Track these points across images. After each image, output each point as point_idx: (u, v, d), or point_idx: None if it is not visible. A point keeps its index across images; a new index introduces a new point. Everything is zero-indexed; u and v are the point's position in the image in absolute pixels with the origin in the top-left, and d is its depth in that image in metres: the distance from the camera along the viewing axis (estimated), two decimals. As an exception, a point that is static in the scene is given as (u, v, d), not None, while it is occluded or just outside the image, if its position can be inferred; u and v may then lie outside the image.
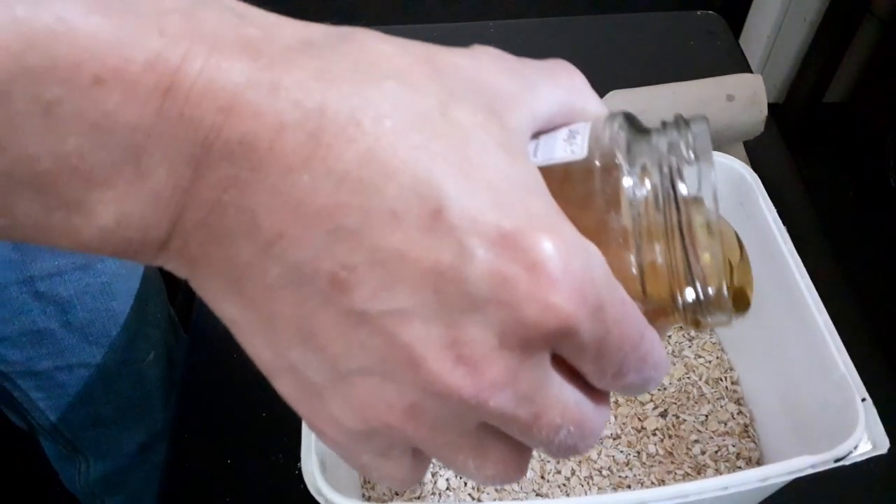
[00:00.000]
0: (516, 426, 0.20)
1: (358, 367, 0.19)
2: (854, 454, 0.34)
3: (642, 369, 0.21)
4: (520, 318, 0.18)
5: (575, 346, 0.19)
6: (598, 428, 0.21)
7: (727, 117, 0.62)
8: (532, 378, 0.19)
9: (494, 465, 0.22)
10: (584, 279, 0.18)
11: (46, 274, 0.53)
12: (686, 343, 0.53)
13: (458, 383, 0.18)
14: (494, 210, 0.18)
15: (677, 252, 0.21)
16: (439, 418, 0.20)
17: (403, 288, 0.18)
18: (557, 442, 0.20)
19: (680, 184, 0.21)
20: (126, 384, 0.65)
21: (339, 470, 0.40)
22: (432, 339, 0.18)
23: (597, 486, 0.46)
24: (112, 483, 0.71)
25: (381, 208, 0.17)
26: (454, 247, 0.17)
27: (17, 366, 0.57)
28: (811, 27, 1.56)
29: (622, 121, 0.22)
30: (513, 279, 0.17)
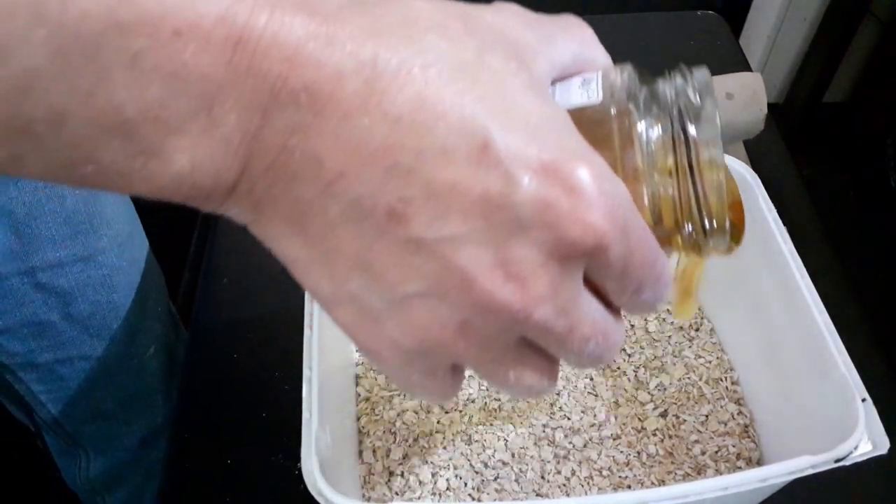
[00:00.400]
0: (553, 337, 0.22)
1: (415, 291, 0.21)
2: (854, 454, 0.34)
3: (656, 286, 0.23)
4: (562, 236, 0.20)
5: (604, 264, 0.21)
6: (619, 339, 0.24)
7: (727, 116, 0.62)
8: (569, 293, 0.21)
9: (531, 375, 0.24)
10: (615, 202, 0.20)
11: (47, 265, 0.53)
12: (686, 343, 0.53)
13: (507, 298, 0.20)
14: (534, 143, 0.20)
15: (686, 186, 0.24)
16: (487, 334, 0.22)
17: (456, 216, 0.20)
18: (587, 352, 0.23)
19: (689, 124, 0.23)
20: (127, 378, 0.65)
21: (340, 470, 0.40)
22: (483, 260, 0.20)
23: (597, 486, 0.46)
24: (112, 479, 0.71)
25: (433, 146, 0.19)
26: (501, 177, 0.19)
27: (17, 357, 0.57)
28: (811, 27, 1.56)
29: (631, 70, 0.25)
30: (555, 202, 0.20)
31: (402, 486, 0.45)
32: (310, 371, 0.38)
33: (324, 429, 0.36)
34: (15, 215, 0.50)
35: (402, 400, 0.49)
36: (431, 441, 0.48)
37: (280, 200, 0.21)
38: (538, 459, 0.47)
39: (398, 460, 0.46)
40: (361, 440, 0.48)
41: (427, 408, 0.49)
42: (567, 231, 0.20)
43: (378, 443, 0.47)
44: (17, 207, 0.50)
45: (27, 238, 0.51)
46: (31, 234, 0.51)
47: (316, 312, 0.42)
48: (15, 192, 0.49)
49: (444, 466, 0.46)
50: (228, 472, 0.51)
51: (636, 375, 0.51)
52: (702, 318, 0.54)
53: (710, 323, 0.54)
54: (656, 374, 0.51)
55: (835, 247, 0.63)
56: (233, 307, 0.60)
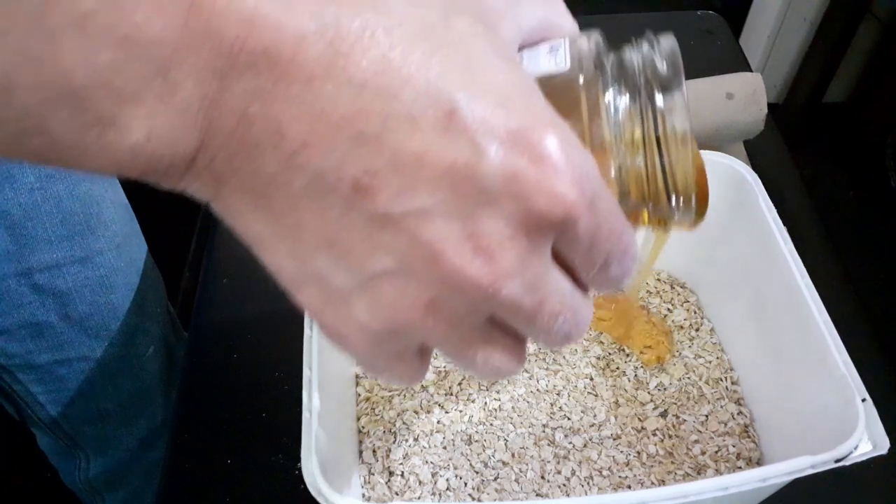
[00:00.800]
0: (522, 314, 0.21)
1: (382, 269, 0.20)
2: (854, 454, 0.34)
3: (623, 260, 0.23)
4: (530, 207, 0.19)
5: (572, 237, 0.21)
6: (588, 315, 0.23)
7: (727, 116, 0.62)
8: (538, 267, 0.21)
9: (500, 356, 0.23)
10: (584, 172, 0.20)
11: (45, 266, 0.53)
12: (686, 343, 0.53)
13: (476, 272, 0.20)
14: (501, 110, 0.19)
15: (653, 158, 0.23)
16: (456, 312, 0.21)
17: (423, 188, 0.19)
18: (556, 329, 0.22)
19: (656, 94, 0.23)
20: (126, 379, 0.65)
21: (340, 470, 0.40)
22: (452, 234, 0.19)
23: (597, 486, 0.46)
24: (112, 479, 0.71)
25: (399, 113, 0.18)
26: (468, 146, 0.19)
27: (15, 359, 0.57)
28: (811, 27, 1.56)
29: (599, 38, 0.24)
30: (523, 172, 0.19)
31: (402, 486, 0.45)
32: (310, 371, 0.38)
33: (324, 429, 0.36)
34: (11, 216, 0.50)
35: (402, 400, 0.49)
36: (431, 441, 0.48)
37: (241, 173, 0.20)
38: (538, 459, 0.47)
39: (398, 460, 0.46)
40: (361, 440, 0.48)
41: (427, 408, 0.49)
42: (535, 202, 0.19)
43: (378, 443, 0.47)
44: (13, 208, 0.50)
45: (23, 239, 0.51)
46: (28, 235, 0.51)
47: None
48: (11, 193, 0.49)
49: (444, 466, 0.46)
50: (228, 472, 0.51)
51: (636, 375, 0.51)
52: (702, 318, 0.54)
53: (710, 323, 0.54)
54: (656, 374, 0.51)
55: (835, 247, 0.63)
56: (233, 307, 0.60)
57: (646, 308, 0.55)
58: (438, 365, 0.52)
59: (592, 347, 0.52)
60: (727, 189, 0.49)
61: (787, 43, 1.61)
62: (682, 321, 0.54)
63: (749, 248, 0.48)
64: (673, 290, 0.56)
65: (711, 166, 0.49)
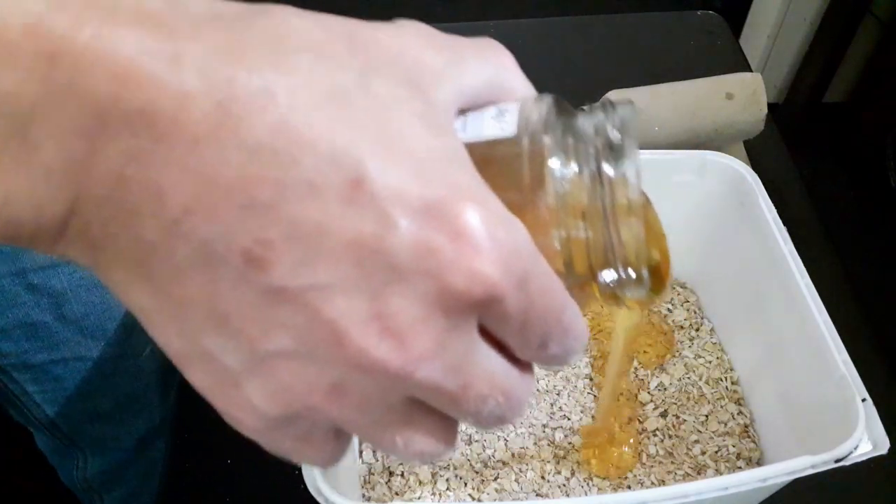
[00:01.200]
0: (445, 398, 0.20)
1: (277, 349, 0.18)
2: (854, 454, 0.34)
3: (565, 340, 0.21)
4: (445, 286, 0.18)
5: (501, 317, 0.19)
6: (524, 397, 0.22)
7: (727, 116, 0.62)
8: (460, 348, 0.19)
9: (423, 440, 0.21)
10: (510, 249, 0.18)
11: (39, 266, 0.53)
12: (686, 343, 0.53)
13: (384, 357, 0.18)
14: (417, 180, 0.17)
15: (599, 231, 0.22)
16: (364, 396, 0.19)
17: (324, 262, 0.17)
18: (486, 412, 0.20)
19: (605, 164, 0.21)
20: (123, 378, 0.65)
21: (339, 470, 0.40)
22: (356, 313, 0.18)
23: (597, 486, 0.46)
24: (110, 478, 0.71)
25: (297, 180, 0.17)
26: (376, 217, 0.17)
27: (11, 358, 0.57)
28: (811, 27, 1.56)
29: (551, 101, 0.23)
30: (438, 248, 0.17)
31: (402, 486, 0.45)
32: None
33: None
34: None
35: (402, 400, 0.49)
36: (431, 441, 0.48)
37: (119, 241, 0.18)
38: (538, 459, 0.47)
39: (398, 460, 0.46)
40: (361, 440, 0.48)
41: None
42: (451, 281, 0.17)
43: (378, 443, 0.47)
44: None
45: None
46: None
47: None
48: None
49: (444, 466, 0.46)
50: (228, 472, 0.51)
51: (636, 375, 0.51)
52: (702, 318, 0.54)
53: (710, 323, 0.54)
54: (656, 374, 0.51)
55: (835, 247, 0.63)
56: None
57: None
58: (438, 365, 0.52)
59: (592, 347, 0.52)
60: (727, 189, 0.49)
61: (787, 43, 1.61)
62: (682, 321, 0.54)
63: (749, 248, 0.48)
64: (673, 290, 0.56)
65: (711, 166, 0.50)
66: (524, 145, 0.21)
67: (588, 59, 0.83)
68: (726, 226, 0.51)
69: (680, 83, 0.64)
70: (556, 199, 0.21)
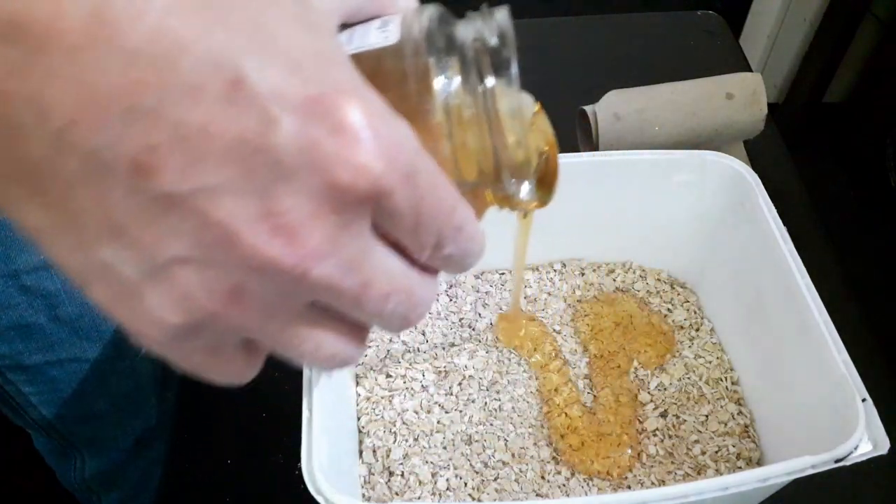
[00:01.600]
0: (345, 298, 0.20)
1: (173, 256, 0.18)
2: (854, 454, 0.34)
3: (458, 239, 0.21)
4: (331, 181, 0.18)
5: (392, 213, 0.19)
6: (427, 296, 0.22)
7: (727, 116, 0.62)
8: (355, 245, 0.19)
9: (332, 343, 0.22)
10: (393, 143, 0.18)
11: (32, 268, 0.53)
12: (686, 343, 0.53)
13: (277, 254, 0.18)
14: (296, 77, 0.17)
15: (485, 135, 0.22)
16: (266, 299, 0.19)
17: (210, 163, 0.17)
18: (388, 312, 0.21)
19: (486, 69, 0.22)
20: (119, 379, 0.65)
21: (340, 470, 0.40)
22: (246, 212, 0.18)
23: (596, 486, 0.46)
24: (107, 478, 0.71)
25: (178, 82, 0.17)
26: (258, 115, 0.17)
27: (6, 360, 0.57)
28: (811, 27, 1.56)
29: (433, 11, 0.23)
30: (320, 143, 0.17)
31: (402, 486, 0.45)
32: (310, 371, 0.38)
33: (324, 429, 0.36)
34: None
35: (402, 400, 0.49)
36: (431, 441, 0.48)
37: (7, 158, 0.17)
38: (538, 459, 0.47)
39: (398, 460, 0.46)
40: (361, 440, 0.48)
41: (427, 408, 0.49)
42: (336, 175, 0.18)
43: (378, 443, 0.47)
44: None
45: (9, 241, 0.51)
46: (13, 237, 0.51)
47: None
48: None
49: (444, 466, 0.46)
50: (228, 472, 0.51)
51: (636, 375, 0.51)
52: (702, 318, 0.54)
53: (710, 323, 0.54)
54: (656, 374, 0.51)
55: (835, 247, 0.63)
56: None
57: (647, 306, 0.55)
58: (439, 365, 0.52)
59: (591, 347, 0.52)
60: (727, 189, 0.49)
61: (787, 43, 1.61)
62: (682, 321, 0.54)
63: (749, 248, 0.48)
64: (673, 290, 0.56)
65: (711, 166, 0.50)
66: (407, 54, 0.22)
67: (588, 59, 0.83)
68: (726, 226, 0.51)
69: (680, 83, 0.64)
70: (441, 106, 0.22)
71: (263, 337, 0.21)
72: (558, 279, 0.57)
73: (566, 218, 0.54)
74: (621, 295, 0.56)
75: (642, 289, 0.56)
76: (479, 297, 0.56)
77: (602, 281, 0.57)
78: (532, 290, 0.56)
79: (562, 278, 0.57)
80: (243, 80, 0.17)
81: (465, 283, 0.56)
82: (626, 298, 0.55)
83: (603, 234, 0.56)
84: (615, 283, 0.57)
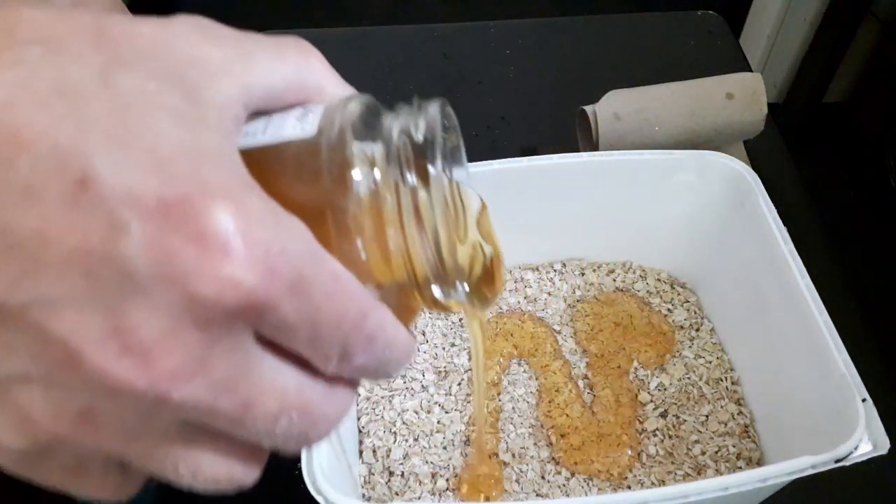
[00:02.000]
0: (224, 420, 0.18)
1: (10, 374, 0.16)
2: (854, 454, 0.34)
3: (371, 350, 0.19)
4: (191, 295, 0.16)
5: (279, 327, 0.17)
6: (330, 412, 0.20)
7: (727, 116, 0.62)
8: (230, 363, 0.17)
9: (212, 465, 0.19)
10: (272, 249, 0.16)
11: None
12: (686, 343, 0.53)
13: (126, 376, 0.16)
14: (155, 178, 0.15)
15: (405, 236, 0.20)
16: (123, 422, 0.17)
17: (48, 273, 0.15)
18: (280, 433, 0.18)
19: (408, 164, 0.20)
20: None
21: (340, 470, 0.40)
22: (90, 329, 0.16)
23: (596, 486, 0.46)
24: None
25: (12, 184, 0.15)
26: (105, 220, 0.15)
27: None
28: (811, 27, 1.56)
29: (359, 101, 0.21)
30: (177, 252, 0.15)
31: (402, 486, 0.45)
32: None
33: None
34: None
35: (403, 400, 0.49)
36: (431, 441, 0.48)
37: None
38: (538, 459, 0.47)
39: (398, 460, 0.46)
40: (361, 440, 0.48)
41: (427, 408, 0.49)
42: (196, 288, 0.15)
43: (378, 443, 0.47)
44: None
45: None
46: None
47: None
48: None
49: (444, 466, 0.46)
50: (228, 472, 0.50)
51: (636, 375, 0.51)
52: (702, 318, 0.54)
53: (710, 323, 0.54)
54: (656, 374, 0.51)
55: (835, 247, 0.63)
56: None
57: (647, 306, 0.55)
58: (439, 365, 0.52)
59: (591, 347, 0.52)
60: (727, 189, 0.49)
61: (787, 43, 1.61)
62: (682, 321, 0.54)
63: (749, 248, 0.48)
64: (673, 290, 0.56)
65: (711, 166, 0.50)
66: (323, 148, 0.20)
67: (588, 59, 0.83)
68: (726, 226, 0.51)
69: (680, 83, 0.64)
70: (357, 205, 0.20)
71: (129, 459, 0.19)
72: (558, 279, 0.57)
73: (566, 218, 0.54)
74: (621, 295, 0.56)
75: (642, 289, 0.56)
76: (479, 297, 0.56)
77: (602, 281, 0.57)
78: (532, 290, 0.56)
79: (562, 278, 0.57)
80: (90, 180, 0.15)
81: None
82: (626, 298, 0.55)
83: (603, 234, 0.56)
84: (615, 283, 0.57)
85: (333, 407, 0.20)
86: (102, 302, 0.16)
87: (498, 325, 0.54)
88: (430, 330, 0.53)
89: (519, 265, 0.57)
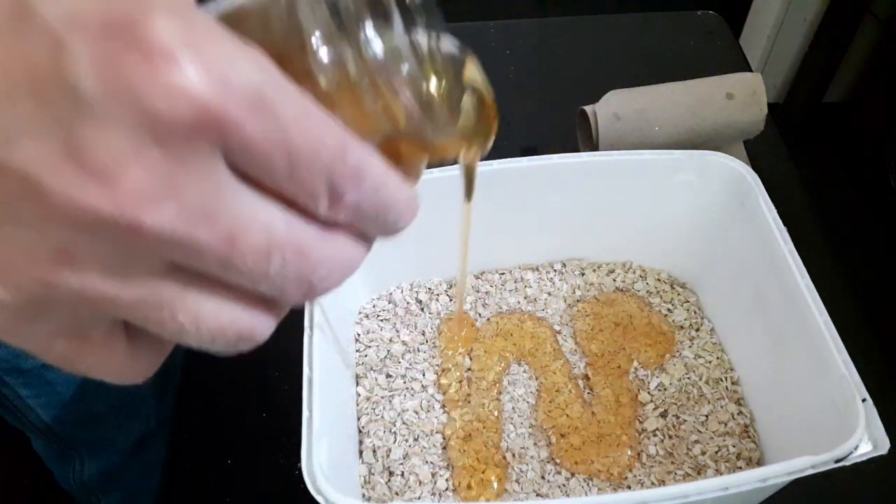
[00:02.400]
0: (210, 256, 0.17)
1: None
2: (854, 454, 0.34)
3: (362, 187, 0.18)
4: (144, 109, 0.15)
5: (248, 150, 0.16)
6: (331, 256, 0.18)
7: (727, 116, 0.62)
8: (201, 189, 0.16)
9: (214, 317, 0.18)
10: (224, 61, 0.15)
11: None
12: (686, 343, 0.53)
13: (90, 201, 0.15)
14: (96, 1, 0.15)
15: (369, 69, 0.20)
16: (105, 258, 0.16)
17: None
18: (276, 273, 0.17)
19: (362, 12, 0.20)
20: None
21: (340, 470, 0.40)
22: (47, 155, 0.15)
23: (596, 486, 0.46)
24: (107, 480, 0.71)
25: None
26: (49, 43, 0.15)
27: (3, 363, 0.57)
28: (811, 27, 1.56)
29: None
30: (123, 66, 0.15)
31: (402, 486, 0.45)
32: (310, 371, 0.38)
33: (324, 428, 0.36)
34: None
35: (403, 400, 0.49)
36: (431, 441, 0.48)
37: None
38: (538, 459, 0.47)
39: (398, 460, 0.46)
40: (361, 440, 0.48)
41: (427, 408, 0.49)
42: (148, 102, 0.15)
43: (378, 443, 0.47)
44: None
45: None
46: None
47: (316, 313, 0.42)
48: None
49: (443, 466, 0.46)
50: (228, 472, 0.51)
51: (636, 375, 0.51)
52: (702, 318, 0.54)
53: (710, 323, 0.54)
54: (656, 374, 0.51)
55: (835, 247, 0.63)
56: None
57: (647, 306, 0.55)
58: (439, 364, 0.52)
59: (591, 347, 0.52)
60: (727, 189, 0.49)
61: (787, 43, 1.61)
62: (682, 321, 0.54)
63: (749, 248, 0.48)
64: (673, 290, 0.56)
65: (711, 166, 0.50)
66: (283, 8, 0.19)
67: (588, 59, 0.83)
68: (726, 226, 0.51)
69: (680, 83, 0.64)
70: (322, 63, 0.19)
71: (125, 311, 0.18)
72: (558, 279, 0.57)
73: (566, 218, 0.54)
74: (621, 295, 0.56)
75: (642, 289, 0.56)
76: (479, 297, 0.56)
77: (602, 281, 0.57)
78: (532, 290, 0.56)
79: (562, 278, 0.57)
80: (30, 6, 0.15)
81: (466, 284, 0.56)
82: (626, 298, 0.55)
83: (603, 234, 0.56)
84: (615, 283, 0.57)
85: (335, 251, 0.19)
86: (56, 126, 0.15)
87: (498, 325, 0.54)
88: (429, 330, 0.53)
89: (519, 265, 0.57)
